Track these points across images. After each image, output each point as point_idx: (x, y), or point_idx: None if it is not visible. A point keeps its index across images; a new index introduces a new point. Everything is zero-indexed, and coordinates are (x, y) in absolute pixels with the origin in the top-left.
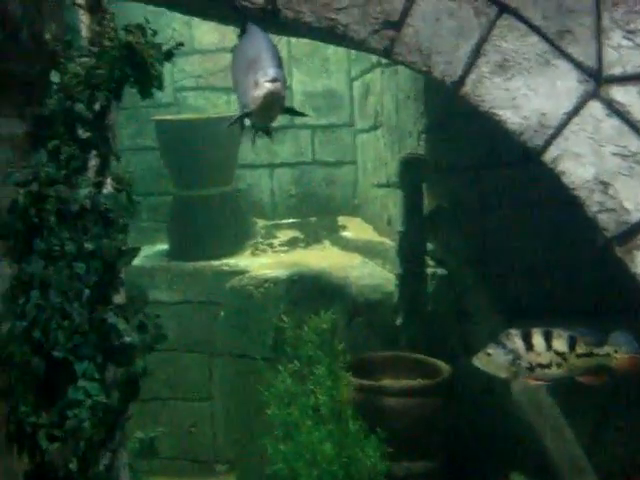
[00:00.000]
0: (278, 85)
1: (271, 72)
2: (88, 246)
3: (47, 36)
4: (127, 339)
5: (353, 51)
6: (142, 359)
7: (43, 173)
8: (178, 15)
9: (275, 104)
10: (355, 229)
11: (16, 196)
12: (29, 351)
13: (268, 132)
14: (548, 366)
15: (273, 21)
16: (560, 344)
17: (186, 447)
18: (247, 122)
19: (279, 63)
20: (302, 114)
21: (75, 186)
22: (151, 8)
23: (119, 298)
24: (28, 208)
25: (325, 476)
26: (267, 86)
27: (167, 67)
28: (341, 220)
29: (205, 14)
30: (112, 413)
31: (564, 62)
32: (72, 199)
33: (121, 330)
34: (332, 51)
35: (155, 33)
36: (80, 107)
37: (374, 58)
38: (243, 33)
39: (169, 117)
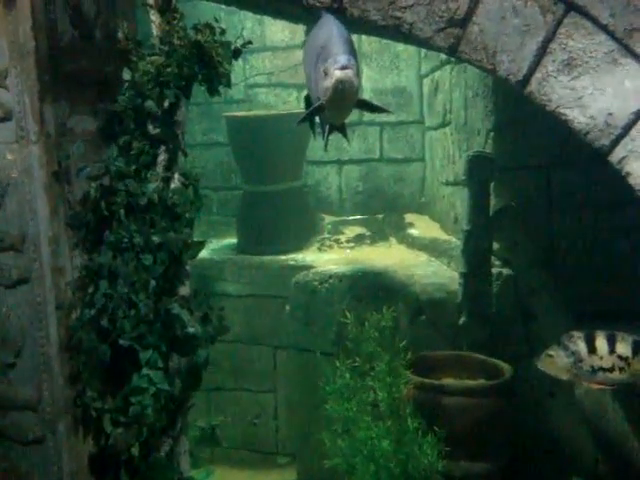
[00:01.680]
0: (349, 73)
1: (341, 59)
2: (155, 239)
3: (120, 35)
4: (190, 330)
5: None
6: (205, 350)
7: (114, 167)
8: (250, 13)
9: (347, 94)
10: (422, 227)
11: (88, 189)
12: (96, 338)
13: (342, 130)
14: (610, 370)
15: (340, 19)
16: (623, 348)
17: (249, 438)
18: (318, 119)
19: (351, 49)
20: (381, 109)
21: (144, 180)
22: (224, 6)
23: (184, 290)
24: (99, 201)
25: (382, 472)
26: (337, 74)
27: (239, 64)
28: (408, 217)
29: (275, 13)
30: (174, 401)
31: (632, 61)
32: (141, 193)
33: (185, 321)
34: (402, 48)
35: (223, 32)
36: (150, 104)
37: (443, 55)
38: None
39: (239, 113)
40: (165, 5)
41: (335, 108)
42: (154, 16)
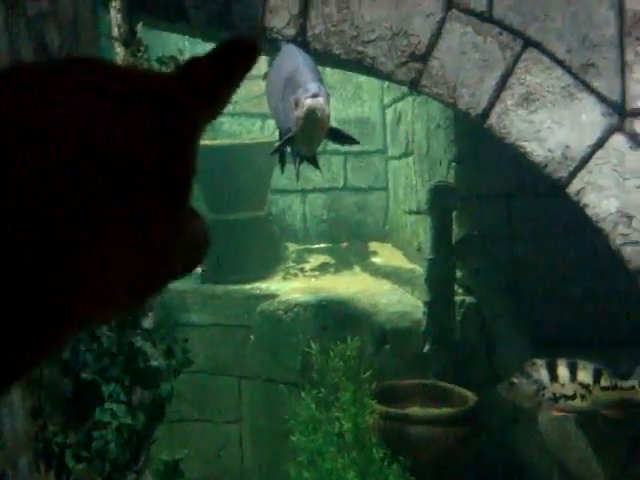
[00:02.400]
0: (320, 100)
1: (312, 87)
2: None
3: None
4: (154, 363)
5: None
6: (168, 382)
7: None
8: (214, 44)
9: (320, 123)
10: (386, 255)
11: None
12: (58, 372)
13: (313, 160)
14: (572, 397)
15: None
16: (585, 376)
17: (214, 470)
18: (289, 149)
19: (319, 78)
20: (351, 139)
21: None
22: (188, 37)
23: (147, 322)
24: None
25: None
26: (309, 103)
27: None
28: (372, 246)
29: None
30: (138, 435)
31: (588, 95)
32: None
33: (148, 354)
34: (365, 79)
35: None
36: None
37: None
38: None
39: (203, 142)
40: (129, 38)
41: (307, 138)
42: (118, 48)
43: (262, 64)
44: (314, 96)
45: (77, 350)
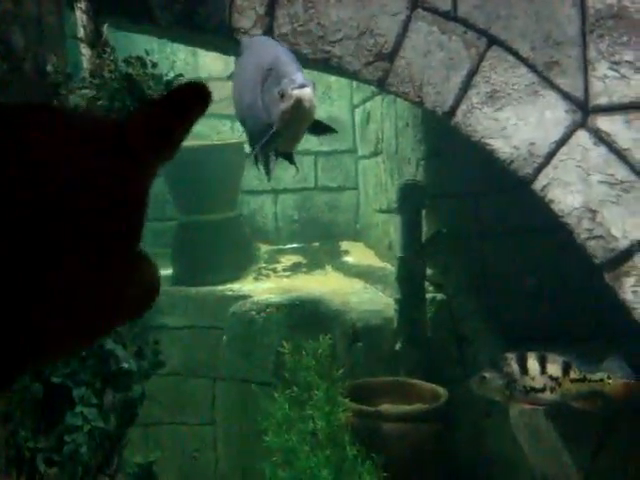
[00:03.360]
0: (308, 90)
1: (298, 77)
2: None
3: (49, 68)
4: (125, 365)
5: None
6: (140, 385)
7: None
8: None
9: (308, 114)
10: (357, 254)
11: None
12: (28, 377)
13: (290, 157)
14: (542, 390)
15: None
16: (554, 369)
17: (188, 472)
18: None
19: (300, 67)
20: (330, 128)
21: None
22: (157, 38)
23: None
24: None
25: None
26: (297, 94)
27: None
28: (343, 245)
29: (206, 45)
30: (110, 438)
31: (552, 93)
32: None
33: (119, 356)
34: (334, 79)
35: (155, 65)
36: None
37: None
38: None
39: None
40: (95, 38)
41: (292, 132)
42: (85, 49)
43: (230, 65)
44: (302, 86)
45: None
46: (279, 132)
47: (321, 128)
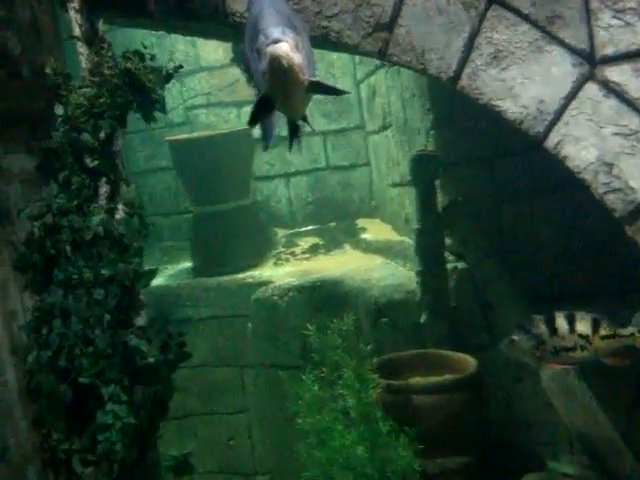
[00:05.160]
0: (283, 46)
1: (272, 32)
2: (105, 272)
3: (48, 70)
4: (150, 360)
5: None
6: (168, 378)
7: (55, 205)
8: (181, 36)
9: (288, 74)
10: (374, 230)
11: (31, 229)
12: (56, 379)
13: (295, 130)
14: (573, 349)
15: None
16: (583, 326)
17: (226, 460)
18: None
19: (286, 22)
20: (338, 90)
21: (87, 214)
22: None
23: (140, 320)
24: (44, 240)
25: (360, 479)
26: (270, 51)
27: (176, 87)
28: (360, 223)
29: (203, 33)
30: (142, 433)
31: (557, 47)
32: (85, 227)
33: (144, 351)
34: (336, 56)
35: (153, 57)
36: (86, 137)
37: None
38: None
39: (181, 136)
40: (92, 36)
41: (283, 96)
42: (82, 48)
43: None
44: (275, 42)
45: (72, 355)
46: (268, 96)
47: (326, 89)
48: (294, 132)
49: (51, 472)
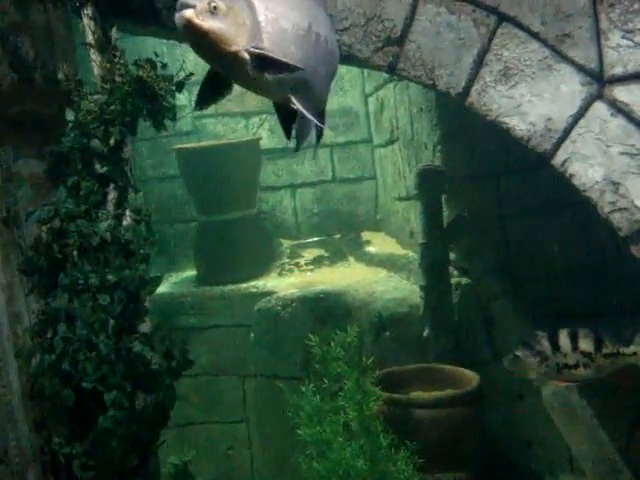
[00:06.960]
0: (188, 13)
1: None
2: (111, 278)
3: (60, 76)
4: (154, 367)
5: None
6: (170, 385)
7: (64, 209)
8: None
9: (209, 45)
10: (379, 244)
11: (39, 233)
12: (59, 383)
13: (321, 115)
14: (575, 367)
15: None
16: (586, 344)
17: (225, 469)
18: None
19: None
20: (291, 66)
21: (95, 220)
22: (165, 40)
23: (145, 327)
24: (51, 244)
25: None
26: (176, 19)
27: (185, 96)
28: (365, 235)
29: None
30: (143, 440)
31: (566, 66)
32: (93, 233)
33: (147, 358)
34: (345, 69)
35: (165, 66)
36: (96, 143)
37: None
38: None
39: (189, 145)
40: (105, 43)
41: (224, 72)
42: (94, 55)
43: None
44: (183, 7)
45: (76, 360)
46: (215, 73)
47: (278, 64)
48: (302, 130)
49: (51, 476)
